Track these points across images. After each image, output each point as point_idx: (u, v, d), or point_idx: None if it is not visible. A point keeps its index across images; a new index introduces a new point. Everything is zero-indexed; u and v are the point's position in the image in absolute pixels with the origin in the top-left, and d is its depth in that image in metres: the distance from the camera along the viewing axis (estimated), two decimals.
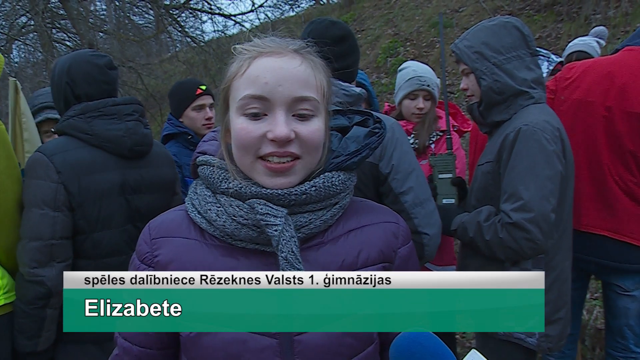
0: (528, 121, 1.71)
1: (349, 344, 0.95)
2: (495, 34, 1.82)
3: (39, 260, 1.68)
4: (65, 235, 1.73)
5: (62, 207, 1.71)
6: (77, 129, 1.80)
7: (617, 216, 2.13)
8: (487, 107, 1.88)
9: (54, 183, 1.70)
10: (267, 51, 0.93)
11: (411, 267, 1.05)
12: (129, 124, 1.85)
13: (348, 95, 1.71)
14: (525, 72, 1.80)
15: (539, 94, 1.81)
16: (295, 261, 0.87)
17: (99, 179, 1.78)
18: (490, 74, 1.81)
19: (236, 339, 0.91)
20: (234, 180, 0.94)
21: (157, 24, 11.77)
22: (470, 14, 8.95)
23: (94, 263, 1.79)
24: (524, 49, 1.81)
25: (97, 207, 1.77)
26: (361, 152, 1.00)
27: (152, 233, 1.00)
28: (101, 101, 1.83)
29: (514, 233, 1.65)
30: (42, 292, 1.68)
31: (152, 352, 1.00)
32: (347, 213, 1.02)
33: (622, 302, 2.22)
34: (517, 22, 1.85)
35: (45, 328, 1.72)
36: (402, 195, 1.70)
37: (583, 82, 2.19)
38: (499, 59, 1.80)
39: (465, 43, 1.88)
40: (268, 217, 0.88)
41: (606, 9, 7.20)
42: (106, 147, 1.81)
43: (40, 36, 10.30)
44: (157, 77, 12.74)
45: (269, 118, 0.90)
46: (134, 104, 1.91)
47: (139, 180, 1.88)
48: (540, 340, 1.79)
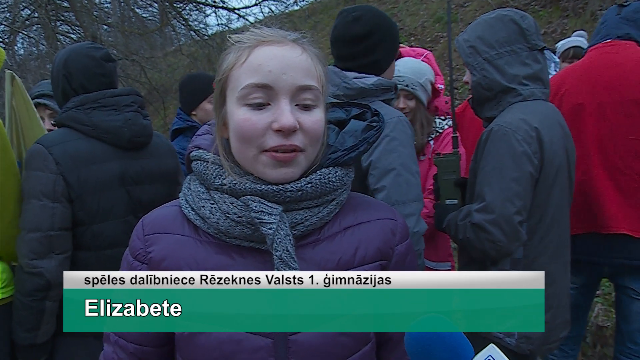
0: (502, 121, 1.69)
1: (344, 343, 0.93)
2: (491, 27, 1.79)
3: (38, 251, 1.69)
4: (65, 226, 1.73)
5: (61, 198, 1.71)
6: (76, 121, 1.80)
7: (637, 213, 2.09)
8: (477, 102, 1.87)
9: (52, 174, 1.70)
10: (268, 40, 0.91)
11: (409, 264, 1.03)
12: (128, 115, 1.85)
13: (348, 88, 1.71)
14: (518, 67, 1.76)
15: (529, 90, 1.76)
16: (290, 260, 0.86)
17: (98, 170, 1.78)
18: (480, 70, 1.79)
19: (231, 339, 0.90)
20: (229, 176, 0.92)
21: (162, 17, 11.72)
22: (475, 9, 8.90)
23: (95, 255, 1.79)
24: (521, 43, 1.76)
25: (97, 199, 1.77)
26: (359, 147, 0.98)
27: (146, 229, 0.99)
28: (100, 92, 1.83)
29: (477, 234, 1.66)
30: (41, 283, 1.68)
31: (148, 350, 1.00)
32: (344, 209, 1.00)
33: (635, 306, 2.17)
34: (517, 15, 1.80)
35: (44, 321, 1.73)
36: (375, 193, 1.65)
37: (564, 90, 2.18)
38: (491, 53, 1.77)
39: (464, 36, 1.86)
40: (262, 214, 0.87)
41: (612, 4, 7.15)
42: (105, 138, 1.81)
43: (44, 28, 10.29)
44: (161, 70, 12.72)
45: (272, 108, 0.89)
46: (132, 94, 1.91)
47: (140, 171, 1.88)
48: (520, 341, 1.75)
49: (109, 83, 1.88)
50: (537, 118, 1.70)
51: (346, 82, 1.72)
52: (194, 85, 2.87)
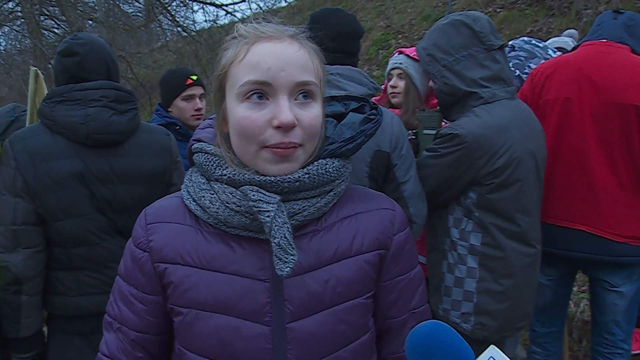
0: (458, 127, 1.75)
1: (343, 331, 0.95)
2: (445, 34, 1.81)
3: (4, 245, 1.69)
4: (29, 221, 1.70)
5: (22, 193, 1.69)
6: (42, 115, 1.77)
7: (602, 211, 2.13)
8: (443, 108, 1.90)
9: (12, 170, 1.69)
10: (266, 36, 0.91)
11: (407, 253, 1.05)
12: (90, 110, 1.72)
13: (376, 88, 1.81)
14: (476, 70, 1.78)
15: (489, 92, 1.78)
16: (288, 247, 0.86)
17: (55, 167, 1.70)
18: (440, 77, 1.81)
19: (228, 325, 0.91)
20: (228, 167, 0.93)
21: (147, 13, 11.61)
22: (462, 7, 8.95)
23: (65, 252, 1.76)
24: (477, 46, 1.78)
25: (55, 196, 1.71)
26: (356, 138, 0.99)
27: (148, 218, 1.00)
28: (66, 86, 1.75)
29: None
30: (10, 277, 1.68)
31: (149, 337, 1.01)
32: (342, 200, 1.01)
33: (609, 298, 2.22)
34: (469, 18, 1.81)
35: (22, 315, 1.72)
36: (403, 185, 1.75)
37: (553, 81, 2.20)
38: (448, 60, 1.79)
39: (422, 44, 1.89)
40: (260, 203, 0.87)
41: (597, 4, 7.23)
42: (64, 134, 1.73)
43: (27, 23, 10.13)
44: (147, 66, 12.64)
45: (271, 104, 0.89)
46: (104, 88, 1.77)
47: (107, 170, 1.76)
48: (475, 327, 1.81)
49: (70, 78, 1.77)
50: (493, 121, 1.74)
51: (374, 82, 1.79)
52: (168, 82, 2.77)
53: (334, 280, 0.94)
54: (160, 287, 0.98)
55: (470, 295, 1.82)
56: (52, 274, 1.77)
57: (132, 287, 1.00)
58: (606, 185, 2.12)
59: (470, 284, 1.82)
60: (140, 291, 0.99)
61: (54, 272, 1.77)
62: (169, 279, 0.95)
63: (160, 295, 0.99)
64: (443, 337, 0.75)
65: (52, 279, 1.77)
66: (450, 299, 1.86)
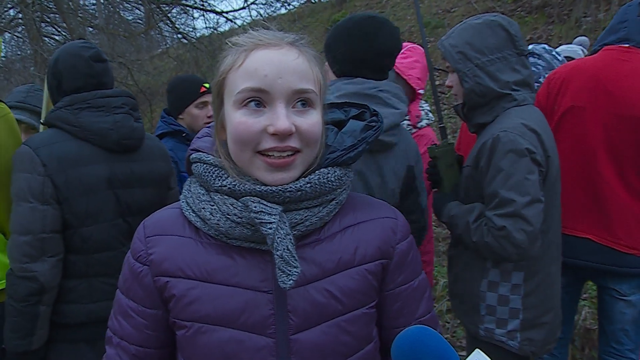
0: (504, 126, 1.68)
1: (346, 342, 0.94)
2: (480, 33, 1.77)
3: (31, 255, 1.65)
4: (56, 228, 1.69)
5: (50, 200, 1.67)
6: (64, 121, 1.76)
7: (610, 222, 2.12)
8: (470, 109, 1.86)
9: (40, 176, 1.66)
10: (264, 43, 0.91)
11: (411, 262, 1.04)
12: (117, 117, 1.80)
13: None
14: (509, 74, 1.75)
15: (522, 95, 1.76)
16: (291, 259, 0.85)
17: (86, 172, 1.73)
18: (473, 76, 1.77)
19: (232, 338, 0.90)
20: (228, 177, 0.92)
21: (148, 20, 11.65)
22: (462, 14, 8.99)
23: (83, 258, 1.75)
24: (510, 50, 1.75)
25: (85, 201, 1.72)
26: (357, 146, 0.98)
27: (147, 231, 0.99)
28: (89, 93, 1.78)
29: (499, 239, 1.63)
30: (35, 287, 1.64)
31: (150, 351, 1.00)
32: (344, 209, 1.00)
33: (618, 306, 2.19)
34: (504, 20, 1.78)
35: (38, 326, 1.68)
36: (421, 195, 1.80)
37: (569, 88, 2.16)
38: (482, 60, 1.75)
39: (450, 42, 1.83)
40: (262, 215, 0.86)
41: (596, 11, 7.26)
42: (92, 140, 1.76)
43: (28, 30, 10.16)
44: (148, 73, 12.65)
45: (268, 111, 0.88)
46: (124, 96, 1.86)
47: (129, 174, 1.83)
48: (523, 343, 1.77)
49: (97, 84, 1.82)
50: (535, 122, 1.71)
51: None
52: (180, 89, 2.74)
53: (337, 291, 0.93)
54: (160, 300, 0.97)
55: (516, 312, 1.77)
56: (63, 282, 1.74)
57: (132, 300, 0.99)
58: (616, 196, 2.09)
59: (515, 301, 1.77)
60: (140, 305, 0.98)
61: (66, 281, 1.74)
62: (170, 292, 0.94)
63: (160, 309, 0.97)
64: (429, 342, 0.75)
65: (63, 287, 1.74)
66: (495, 318, 1.80)
